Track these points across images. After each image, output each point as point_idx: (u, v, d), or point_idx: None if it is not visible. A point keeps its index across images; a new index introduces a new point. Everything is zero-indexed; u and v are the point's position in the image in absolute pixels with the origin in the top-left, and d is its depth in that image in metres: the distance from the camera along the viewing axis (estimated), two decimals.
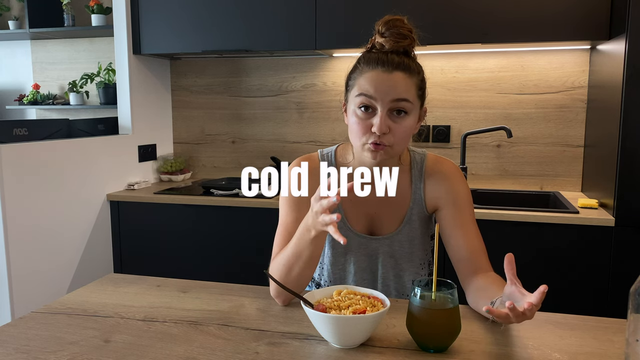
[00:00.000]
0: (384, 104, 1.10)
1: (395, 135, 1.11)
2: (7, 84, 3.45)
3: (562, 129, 2.57)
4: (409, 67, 1.12)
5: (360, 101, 1.12)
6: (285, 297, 1.13)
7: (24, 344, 0.97)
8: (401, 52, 1.13)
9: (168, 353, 0.93)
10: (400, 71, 1.10)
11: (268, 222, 2.37)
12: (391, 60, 1.11)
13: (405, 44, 1.13)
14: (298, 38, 2.49)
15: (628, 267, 1.99)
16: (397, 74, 1.10)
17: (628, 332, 0.80)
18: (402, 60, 1.11)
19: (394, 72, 1.10)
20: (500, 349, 0.94)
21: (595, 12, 2.15)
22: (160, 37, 2.69)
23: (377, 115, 1.10)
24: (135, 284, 1.30)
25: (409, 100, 1.11)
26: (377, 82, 1.10)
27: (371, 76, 1.11)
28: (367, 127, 1.11)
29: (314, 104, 2.89)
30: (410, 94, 1.11)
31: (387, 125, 1.10)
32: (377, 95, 1.10)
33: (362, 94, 1.11)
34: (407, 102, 1.11)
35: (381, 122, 1.09)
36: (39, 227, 2.22)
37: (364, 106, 1.12)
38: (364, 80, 1.12)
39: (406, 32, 1.13)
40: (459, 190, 1.23)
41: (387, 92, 1.09)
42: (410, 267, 1.27)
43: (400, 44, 1.12)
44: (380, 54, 1.13)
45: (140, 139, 2.85)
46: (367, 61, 1.13)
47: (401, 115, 1.11)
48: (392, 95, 1.09)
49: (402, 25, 1.13)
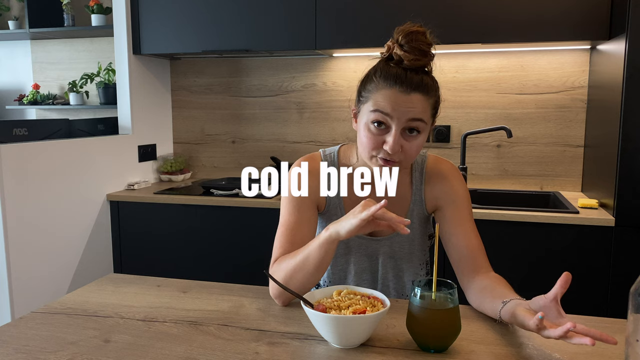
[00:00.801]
0: (398, 123, 1.08)
1: (406, 153, 1.11)
2: (7, 84, 3.45)
3: (562, 129, 2.57)
4: (427, 87, 1.09)
5: (375, 117, 1.09)
6: (285, 298, 1.13)
7: (24, 344, 0.97)
8: (420, 69, 1.10)
9: (168, 353, 0.93)
10: (419, 93, 1.07)
11: (268, 222, 2.37)
12: (410, 80, 1.07)
13: (425, 62, 1.10)
14: (298, 38, 2.49)
15: (628, 267, 1.99)
16: (415, 95, 1.07)
17: (628, 332, 0.80)
18: (421, 79, 1.08)
19: (412, 93, 1.07)
20: (500, 349, 0.94)
21: (595, 12, 2.15)
22: (160, 37, 2.69)
23: (391, 134, 1.08)
24: (135, 284, 1.30)
25: (424, 120, 1.10)
26: (394, 102, 1.07)
27: (389, 95, 1.08)
28: (379, 143, 1.10)
29: (314, 104, 2.89)
30: (425, 115, 1.09)
31: (400, 144, 1.09)
32: (393, 114, 1.07)
33: (378, 110, 1.09)
34: (421, 122, 1.09)
35: (394, 142, 1.08)
36: (39, 227, 2.22)
37: (378, 122, 1.10)
38: (381, 97, 1.08)
39: (426, 47, 1.09)
40: (458, 189, 1.24)
41: (403, 113, 1.07)
42: (409, 267, 1.27)
43: (422, 62, 1.09)
44: (399, 70, 1.08)
45: (140, 139, 2.85)
46: (385, 77, 1.09)
47: (414, 133, 1.10)
48: (408, 116, 1.08)
49: (424, 41, 1.09)
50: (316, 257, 1.07)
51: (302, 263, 1.08)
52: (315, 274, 1.08)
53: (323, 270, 1.09)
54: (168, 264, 2.57)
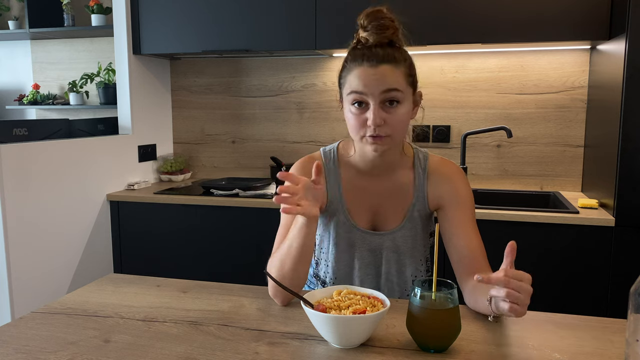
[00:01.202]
0: (374, 97, 1.12)
1: (390, 125, 1.13)
2: (7, 84, 3.45)
3: (562, 129, 2.57)
4: (394, 57, 1.13)
5: (352, 98, 1.14)
6: (284, 297, 1.14)
7: (24, 344, 0.97)
8: (386, 43, 1.14)
9: (168, 353, 0.93)
10: (386, 63, 1.12)
11: (268, 222, 2.37)
12: (375, 54, 1.12)
13: (389, 34, 1.14)
14: (298, 38, 2.49)
15: (628, 267, 1.99)
16: (382, 66, 1.11)
17: (628, 332, 0.80)
18: (387, 52, 1.13)
19: (379, 65, 1.11)
20: (500, 349, 0.94)
21: (595, 12, 2.15)
22: (160, 37, 2.69)
23: (370, 110, 1.12)
24: (135, 284, 1.30)
25: (399, 89, 1.12)
26: (364, 77, 1.12)
27: (358, 73, 1.13)
28: (363, 122, 1.14)
29: (314, 104, 2.89)
30: (399, 83, 1.12)
31: (381, 117, 1.12)
32: (366, 90, 1.12)
33: (353, 91, 1.14)
34: (397, 91, 1.12)
35: (374, 115, 1.11)
36: (39, 227, 2.22)
37: (357, 102, 1.14)
38: (353, 77, 1.14)
39: (388, 22, 1.14)
40: (461, 190, 1.25)
41: (375, 86, 1.11)
42: (412, 262, 1.28)
43: (384, 36, 1.13)
44: (365, 49, 1.14)
45: (140, 139, 2.85)
46: (354, 58, 1.15)
47: (394, 105, 1.13)
48: (380, 88, 1.11)
49: (383, 16, 1.14)
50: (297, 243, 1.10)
51: (287, 252, 1.12)
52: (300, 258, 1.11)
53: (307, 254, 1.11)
54: (168, 264, 2.57)
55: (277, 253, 1.15)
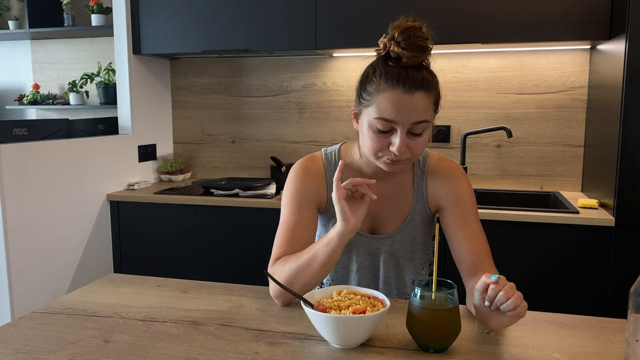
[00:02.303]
0: (404, 127, 1.07)
1: (412, 151, 1.10)
2: (7, 84, 3.45)
3: (562, 129, 2.57)
4: (429, 84, 1.07)
5: (380, 125, 1.08)
6: (285, 298, 1.13)
7: (24, 344, 0.97)
8: (420, 65, 1.08)
9: (168, 353, 0.93)
10: (422, 91, 1.06)
11: (268, 222, 2.37)
12: (412, 78, 1.05)
13: (424, 57, 1.07)
14: (298, 38, 2.49)
15: (628, 267, 1.99)
16: (418, 94, 1.05)
17: (628, 332, 0.80)
18: (423, 76, 1.06)
19: (415, 92, 1.05)
20: (500, 349, 0.94)
21: (595, 12, 2.15)
22: (160, 37, 2.69)
23: (397, 136, 1.07)
24: (135, 284, 1.30)
25: (429, 120, 1.09)
26: (398, 105, 1.05)
27: (392, 98, 1.05)
28: (385, 145, 1.10)
29: (314, 104, 2.89)
30: (429, 114, 1.09)
31: (407, 145, 1.08)
32: (398, 119, 1.06)
33: (383, 118, 1.07)
34: (427, 122, 1.09)
35: (401, 144, 1.07)
36: (39, 227, 2.22)
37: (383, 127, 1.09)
38: (384, 101, 1.06)
39: (424, 43, 1.06)
40: (461, 190, 1.23)
41: (407, 116, 1.06)
42: (411, 266, 1.27)
43: (420, 59, 1.07)
44: (400, 68, 1.06)
45: (140, 139, 2.85)
46: (386, 77, 1.06)
47: (420, 134, 1.10)
48: (413, 119, 1.06)
49: (421, 36, 1.05)
50: (323, 256, 1.07)
51: (308, 262, 1.08)
52: (319, 274, 1.09)
53: (328, 270, 1.09)
54: (168, 264, 2.57)
55: (292, 262, 1.11)
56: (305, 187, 1.23)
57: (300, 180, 1.24)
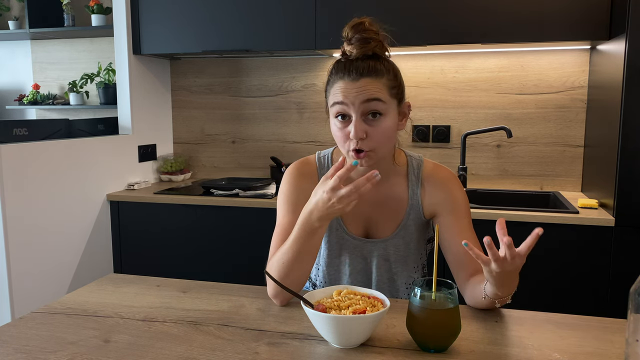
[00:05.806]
0: (356, 109, 1.10)
1: (373, 139, 1.11)
2: (7, 84, 3.45)
3: (562, 129, 2.57)
4: (376, 69, 1.11)
5: (335, 111, 1.13)
6: (284, 297, 1.14)
7: (24, 344, 0.97)
8: (369, 56, 1.13)
9: (168, 353, 0.93)
10: (367, 77, 1.10)
11: (268, 222, 2.36)
12: (356, 67, 1.11)
13: (371, 47, 1.13)
14: (298, 38, 2.49)
15: (628, 267, 1.99)
16: (363, 79, 1.10)
17: (628, 332, 0.80)
18: (368, 64, 1.11)
19: (360, 79, 1.10)
20: (500, 349, 0.94)
21: (595, 12, 2.15)
22: (160, 37, 2.69)
23: (352, 122, 1.11)
24: (135, 284, 1.30)
25: (380, 99, 1.10)
26: (345, 89, 1.11)
27: (339, 85, 1.12)
28: (346, 135, 1.12)
29: (314, 104, 2.89)
30: (380, 94, 1.11)
31: (363, 130, 1.10)
32: (347, 101, 1.10)
33: (336, 103, 1.12)
34: (378, 101, 1.10)
35: (356, 127, 1.10)
36: (39, 227, 2.22)
37: (340, 115, 1.13)
38: (335, 90, 1.13)
39: (371, 34, 1.13)
40: (457, 197, 1.24)
41: (355, 97, 1.10)
42: (403, 270, 1.28)
43: (367, 49, 1.12)
44: (348, 62, 1.13)
45: (140, 139, 2.85)
46: (336, 71, 1.14)
47: (377, 117, 1.11)
48: (361, 98, 1.10)
49: (365, 29, 1.13)
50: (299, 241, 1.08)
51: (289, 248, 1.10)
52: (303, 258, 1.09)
53: (310, 254, 1.10)
54: (168, 263, 2.57)
55: (278, 256, 1.12)
56: (298, 189, 1.25)
57: (293, 183, 1.26)
